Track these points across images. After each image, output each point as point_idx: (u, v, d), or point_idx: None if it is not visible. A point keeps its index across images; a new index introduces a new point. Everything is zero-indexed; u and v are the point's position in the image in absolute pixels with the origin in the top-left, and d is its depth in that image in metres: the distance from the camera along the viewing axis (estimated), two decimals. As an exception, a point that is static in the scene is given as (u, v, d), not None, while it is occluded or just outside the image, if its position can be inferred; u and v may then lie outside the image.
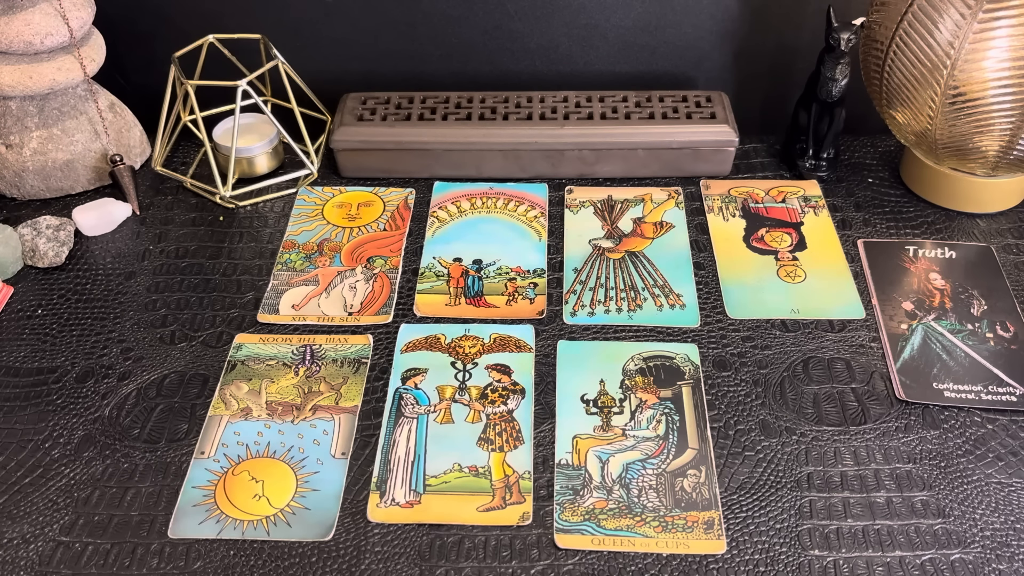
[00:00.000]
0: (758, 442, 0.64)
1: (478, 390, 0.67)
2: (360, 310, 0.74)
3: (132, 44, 0.92)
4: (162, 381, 0.69)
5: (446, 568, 0.57)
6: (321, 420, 0.66)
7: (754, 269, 0.77)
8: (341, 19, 0.92)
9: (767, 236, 0.80)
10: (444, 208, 0.84)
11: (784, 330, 0.72)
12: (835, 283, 0.76)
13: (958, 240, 0.80)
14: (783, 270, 0.77)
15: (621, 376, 0.68)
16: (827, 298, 0.74)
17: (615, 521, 0.59)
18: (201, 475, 0.62)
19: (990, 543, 0.58)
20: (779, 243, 0.80)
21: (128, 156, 0.88)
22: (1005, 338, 0.70)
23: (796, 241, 0.80)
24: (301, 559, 0.57)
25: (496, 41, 0.93)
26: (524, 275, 0.77)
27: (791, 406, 0.66)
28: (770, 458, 0.63)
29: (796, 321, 0.73)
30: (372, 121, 0.86)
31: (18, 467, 0.63)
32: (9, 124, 0.82)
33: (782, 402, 0.66)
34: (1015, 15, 0.69)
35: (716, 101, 0.87)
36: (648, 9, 0.90)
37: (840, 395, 0.67)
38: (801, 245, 0.79)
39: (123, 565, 0.57)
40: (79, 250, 0.81)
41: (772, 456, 0.63)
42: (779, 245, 0.79)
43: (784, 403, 0.66)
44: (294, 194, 0.86)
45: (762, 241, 0.80)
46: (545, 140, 0.85)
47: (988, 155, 0.76)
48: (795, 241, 0.80)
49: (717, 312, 0.73)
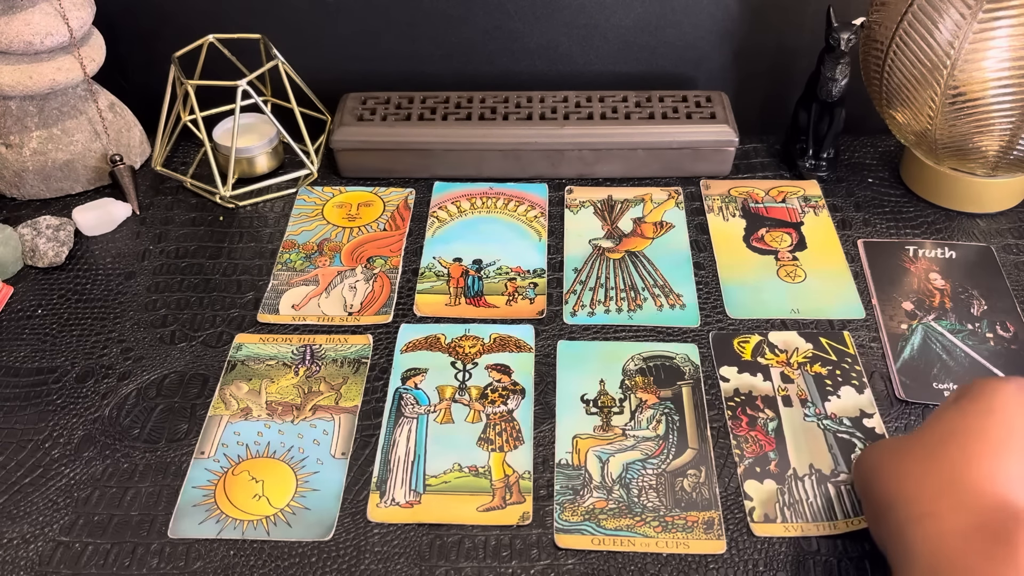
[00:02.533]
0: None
1: (478, 390, 0.67)
2: (360, 310, 0.74)
3: (132, 44, 0.92)
4: (162, 381, 0.69)
5: (446, 568, 0.57)
6: (321, 420, 0.66)
7: (754, 269, 0.77)
8: (341, 19, 0.92)
9: (767, 236, 0.80)
10: (444, 208, 0.84)
11: (784, 330, 0.72)
12: (835, 283, 0.76)
13: (958, 240, 0.80)
14: (783, 270, 0.77)
15: (621, 376, 0.68)
16: (827, 298, 0.74)
17: (615, 521, 0.59)
18: (201, 475, 0.62)
19: (990, 543, 0.58)
20: (779, 243, 0.80)
21: (128, 156, 0.88)
22: (1005, 338, 0.70)
23: (796, 241, 0.80)
24: (301, 559, 0.57)
25: (496, 41, 0.93)
26: (524, 275, 0.77)
27: (791, 406, 0.66)
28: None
29: (796, 321, 0.73)
30: (372, 121, 0.86)
31: (18, 467, 0.63)
32: (9, 124, 0.82)
33: (782, 402, 0.67)
34: (1015, 15, 0.69)
35: (716, 101, 0.87)
36: (648, 9, 0.90)
37: (840, 395, 0.67)
38: (801, 245, 0.79)
39: (123, 565, 0.57)
40: (79, 250, 0.81)
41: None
42: (779, 245, 0.79)
43: (784, 403, 0.66)
44: (294, 194, 0.86)
45: (762, 241, 0.80)
46: (545, 140, 0.85)
47: (988, 155, 0.76)
48: (795, 241, 0.80)
49: (717, 312, 0.73)
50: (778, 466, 0.62)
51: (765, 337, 0.71)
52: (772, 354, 0.69)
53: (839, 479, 0.61)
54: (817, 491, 0.60)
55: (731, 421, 0.65)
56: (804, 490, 0.60)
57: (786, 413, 0.65)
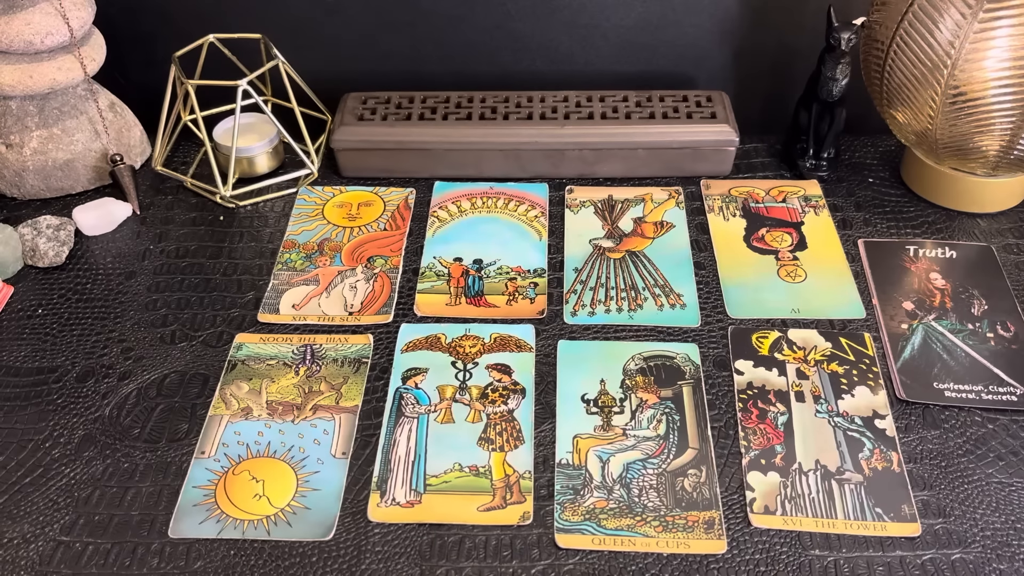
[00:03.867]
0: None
1: (478, 390, 0.67)
2: (360, 310, 0.74)
3: (132, 44, 0.92)
4: (162, 381, 0.69)
5: (446, 568, 0.57)
6: (321, 420, 0.66)
7: (754, 269, 0.77)
8: (341, 19, 0.92)
9: (767, 236, 0.80)
10: (444, 208, 0.84)
11: (785, 330, 0.72)
12: (835, 283, 0.76)
13: (959, 240, 0.80)
14: (783, 270, 0.77)
15: (621, 376, 0.68)
16: (827, 298, 0.74)
17: (615, 521, 0.59)
18: (201, 475, 0.62)
19: (990, 543, 0.58)
20: (779, 243, 0.80)
21: (128, 156, 0.88)
22: (1005, 338, 0.70)
23: (796, 241, 0.80)
24: (301, 559, 0.57)
25: (496, 41, 0.93)
26: (524, 275, 0.77)
27: (791, 406, 0.66)
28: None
29: (796, 321, 0.72)
30: (372, 121, 0.86)
31: (18, 467, 0.63)
32: (9, 124, 0.82)
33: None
34: (1015, 15, 0.69)
35: (716, 101, 0.87)
36: (648, 9, 0.90)
37: (840, 395, 0.67)
38: (801, 245, 0.79)
39: (123, 565, 0.57)
40: (79, 250, 0.81)
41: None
42: (779, 245, 0.79)
43: (784, 403, 0.66)
44: (294, 194, 0.86)
45: (762, 241, 0.80)
46: (545, 140, 0.85)
47: (988, 155, 0.76)
48: (795, 241, 0.80)
49: (717, 312, 0.73)
50: (784, 459, 0.62)
51: (784, 334, 0.71)
52: (790, 350, 0.69)
53: (844, 476, 0.61)
54: (820, 487, 0.60)
55: (741, 413, 0.65)
56: (807, 485, 0.60)
57: (797, 408, 0.65)
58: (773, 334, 0.71)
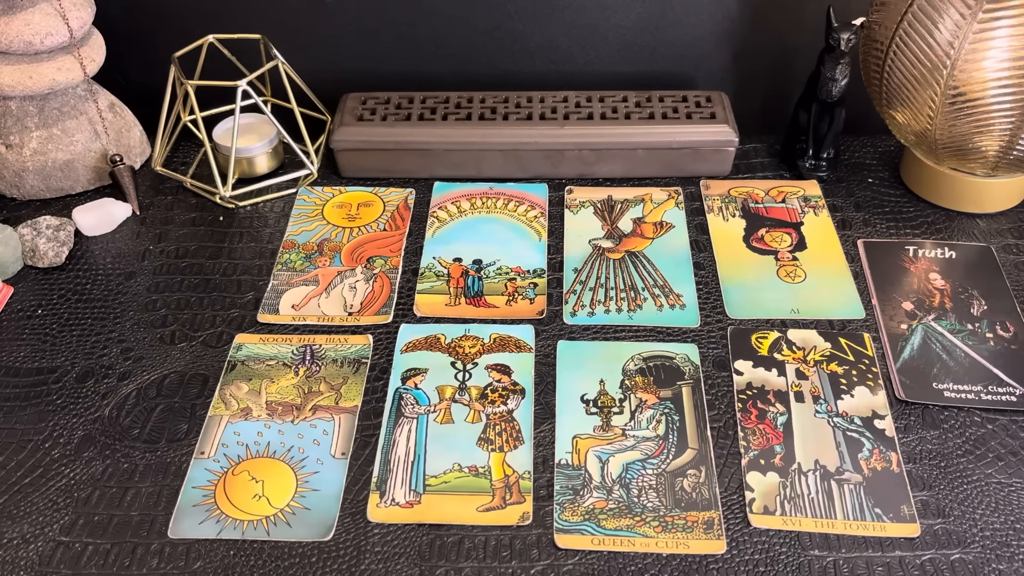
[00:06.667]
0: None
1: (478, 390, 0.67)
2: (360, 310, 0.74)
3: (132, 44, 0.92)
4: (162, 381, 0.69)
5: (446, 568, 0.57)
6: (321, 420, 0.66)
7: (754, 269, 0.77)
8: (341, 19, 0.92)
9: (767, 236, 0.80)
10: (444, 208, 0.84)
11: (784, 330, 0.72)
12: (835, 283, 0.76)
13: (958, 240, 0.80)
14: (783, 270, 0.77)
15: (621, 376, 0.68)
16: (827, 298, 0.74)
17: (615, 521, 0.59)
18: (201, 475, 0.62)
19: (990, 543, 0.58)
20: (779, 243, 0.80)
21: (128, 156, 0.88)
22: (1005, 338, 0.70)
23: (796, 241, 0.80)
24: (301, 559, 0.57)
25: (496, 41, 0.93)
26: (524, 275, 0.77)
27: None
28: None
29: (796, 321, 0.72)
30: (372, 121, 0.86)
31: (18, 467, 0.63)
32: (9, 124, 0.82)
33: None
34: (1015, 15, 0.69)
35: (716, 101, 0.87)
36: (648, 9, 0.90)
37: (840, 395, 0.67)
38: (801, 245, 0.79)
39: (123, 565, 0.57)
40: (79, 250, 0.81)
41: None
42: (779, 245, 0.79)
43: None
44: (294, 194, 0.86)
45: (762, 241, 0.80)
46: (545, 140, 0.85)
47: (988, 155, 0.76)
48: (795, 241, 0.80)
49: (717, 312, 0.73)
50: (783, 460, 0.62)
51: (784, 334, 0.71)
52: (789, 351, 0.69)
53: (843, 476, 0.61)
54: (820, 487, 0.60)
55: (740, 413, 0.65)
56: (807, 485, 0.60)
57: (797, 408, 0.65)
58: (772, 334, 0.71)
